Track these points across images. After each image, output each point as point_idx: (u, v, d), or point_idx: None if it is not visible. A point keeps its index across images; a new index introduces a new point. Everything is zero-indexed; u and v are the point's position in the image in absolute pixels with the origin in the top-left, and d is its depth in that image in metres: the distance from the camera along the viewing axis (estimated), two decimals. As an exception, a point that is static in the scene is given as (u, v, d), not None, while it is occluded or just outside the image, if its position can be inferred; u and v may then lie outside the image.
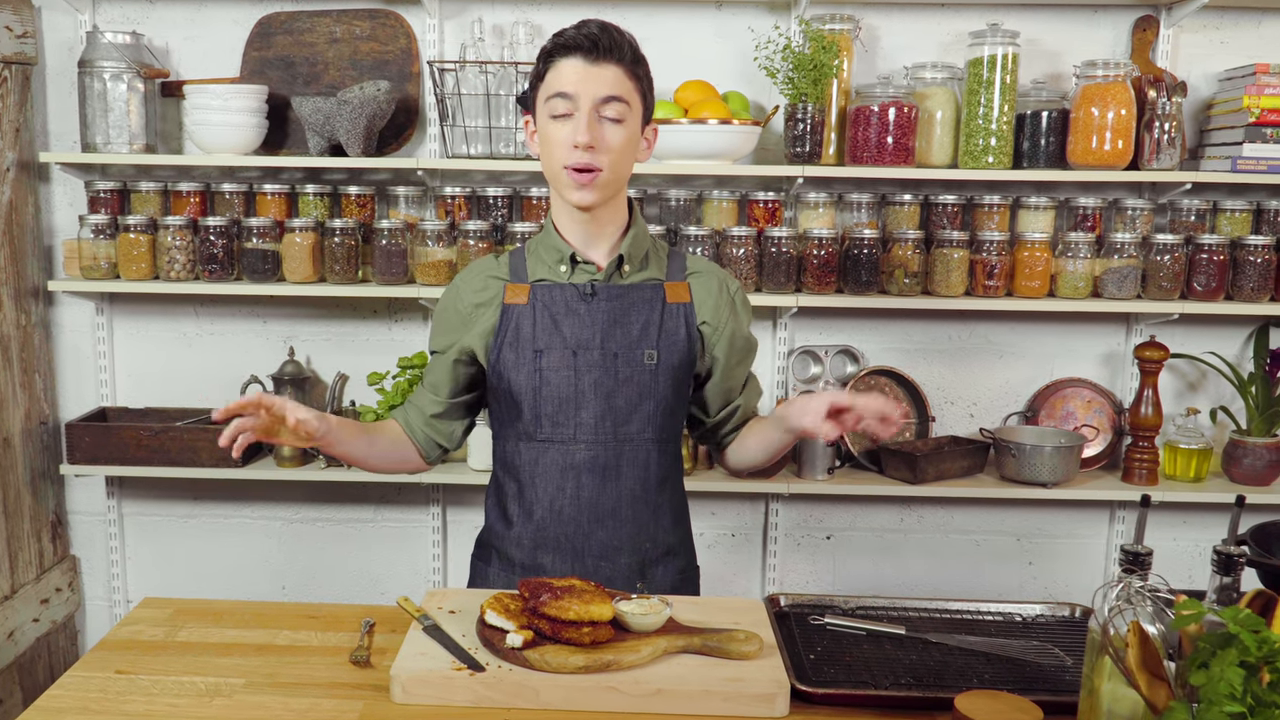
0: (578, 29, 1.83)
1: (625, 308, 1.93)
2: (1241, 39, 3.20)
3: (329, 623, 1.83)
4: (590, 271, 1.94)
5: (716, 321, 1.99)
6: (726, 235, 3.00)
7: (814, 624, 1.81)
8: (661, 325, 1.94)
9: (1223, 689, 0.95)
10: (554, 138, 1.84)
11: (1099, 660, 1.25)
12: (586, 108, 1.81)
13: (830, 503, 3.37)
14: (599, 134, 1.81)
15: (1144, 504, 1.31)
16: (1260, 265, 3.03)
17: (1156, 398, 3.12)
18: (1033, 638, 1.80)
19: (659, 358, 1.93)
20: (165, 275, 3.00)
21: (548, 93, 1.84)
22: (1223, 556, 1.25)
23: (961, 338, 3.31)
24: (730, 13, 3.16)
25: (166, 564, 3.40)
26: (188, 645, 1.73)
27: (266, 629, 1.80)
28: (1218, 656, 0.97)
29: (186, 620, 1.83)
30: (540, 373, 1.91)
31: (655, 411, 1.94)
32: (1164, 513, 3.35)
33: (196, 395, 3.29)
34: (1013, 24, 3.02)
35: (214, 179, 3.18)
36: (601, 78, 1.81)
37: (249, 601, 1.93)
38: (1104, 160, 2.97)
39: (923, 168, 3.04)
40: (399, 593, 3.37)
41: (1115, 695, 1.24)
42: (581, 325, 1.92)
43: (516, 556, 1.98)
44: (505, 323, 1.93)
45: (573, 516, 1.95)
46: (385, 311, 3.27)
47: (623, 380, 1.92)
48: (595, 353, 1.91)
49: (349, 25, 3.13)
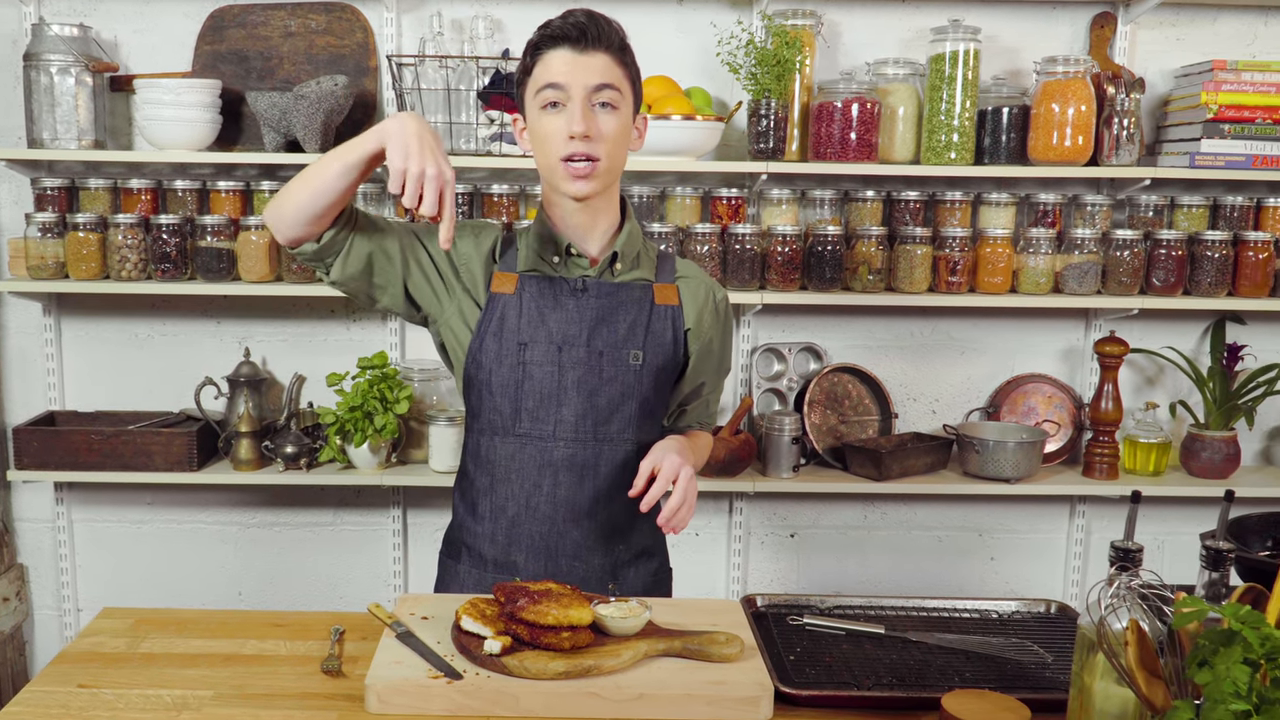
0: (564, 19, 1.78)
1: (614, 306, 1.89)
2: (1197, 36, 3.23)
3: (297, 631, 1.78)
4: (583, 265, 1.89)
5: (699, 329, 1.96)
6: (690, 232, 2.98)
7: (792, 624, 1.79)
8: (649, 326, 1.91)
9: (1227, 687, 0.94)
10: (547, 130, 1.79)
11: (1090, 658, 1.24)
12: (579, 97, 1.76)
13: (795, 501, 3.36)
14: (594, 123, 1.77)
15: (1134, 500, 1.30)
16: (1217, 260, 3.05)
17: (1117, 392, 3.14)
18: (1010, 634, 1.79)
19: (644, 358, 1.90)
20: (116, 275, 2.92)
21: (537, 85, 1.80)
22: (1212, 552, 1.24)
23: (924, 334, 3.32)
24: (692, 8, 3.13)
25: (118, 572, 3.31)
26: (151, 656, 1.67)
27: (232, 638, 1.75)
28: (1221, 654, 0.96)
29: (148, 630, 1.77)
30: (524, 366, 1.87)
31: (636, 413, 1.91)
32: (1123, 507, 3.38)
33: (148, 398, 3.21)
34: (972, 20, 3.03)
35: (166, 176, 3.10)
36: (591, 66, 1.77)
37: (213, 610, 1.87)
38: (1065, 156, 2.99)
39: (886, 164, 3.03)
40: (359, 598, 3.32)
41: (1107, 693, 1.23)
42: (569, 320, 1.88)
43: (488, 553, 1.94)
44: (490, 312, 1.88)
45: (548, 515, 1.91)
46: (343, 311, 3.21)
47: (606, 379, 1.88)
48: (581, 349, 1.87)
49: (304, 19, 3.06)
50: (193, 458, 2.95)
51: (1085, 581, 3.42)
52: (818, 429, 3.18)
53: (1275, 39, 3.24)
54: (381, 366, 2.94)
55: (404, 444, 3.08)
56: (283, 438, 3.01)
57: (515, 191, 3.06)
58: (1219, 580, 1.24)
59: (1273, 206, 3.16)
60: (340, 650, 1.69)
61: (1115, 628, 1.15)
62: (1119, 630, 1.12)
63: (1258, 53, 3.23)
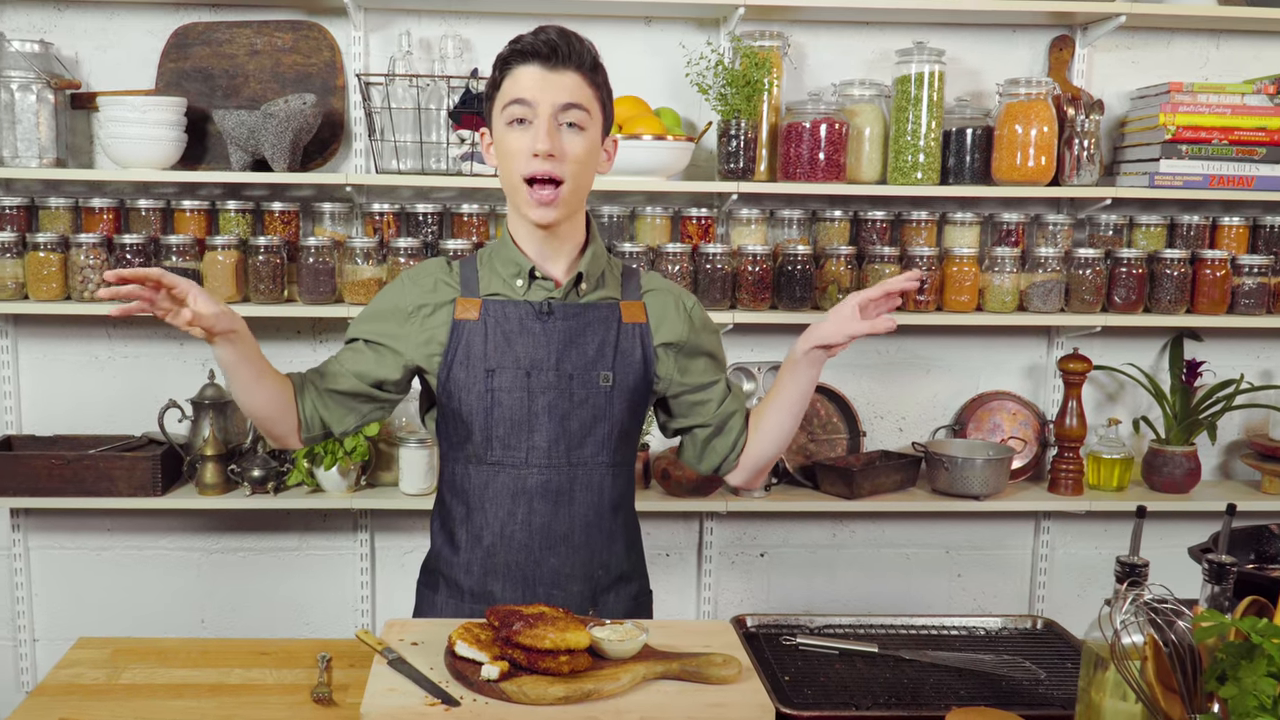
0: (535, 35, 1.77)
1: (581, 327, 1.87)
2: (1152, 58, 3.30)
3: (282, 659, 1.75)
4: (548, 288, 1.87)
5: (677, 340, 1.93)
6: (661, 252, 2.98)
7: (785, 645, 1.79)
8: (617, 346, 1.88)
9: (1251, 701, 0.95)
10: (512, 146, 1.77)
11: (1099, 674, 1.25)
12: (546, 114, 1.74)
13: (764, 520, 3.36)
14: (559, 142, 1.75)
15: (1140, 515, 1.32)
16: (1176, 278, 3.11)
17: (1080, 409, 3.18)
18: (1000, 651, 1.80)
19: (614, 379, 1.87)
20: (78, 295, 2.86)
21: (505, 100, 1.78)
22: (1215, 565, 1.26)
23: (890, 352, 3.34)
24: (660, 29, 3.15)
25: (76, 600, 3.23)
26: (134, 688, 1.64)
27: (216, 668, 1.71)
28: (1244, 667, 0.97)
29: (128, 660, 1.73)
30: (492, 393, 1.84)
31: (609, 435, 1.89)
32: (1087, 522, 3.43)
33: (109, 422, 3.14)
34: (935, 42, 3.06)
35: (128, 195, 3.04)
36: (561, 84, 1.75)
37: (193, 639, 1.84)
38: (1028, 176, 3.03)
39: (854, 184, 3.06)
40: (325, 624, 3.27)
41: (1116, 710, 1.24)
42: (536, 344, 1.85)
43: (465, 583, 1.91)
44: (455, 339, 1.85)
45: (524, 543, 1.88)
46: (309, 332, 3.17)
47: (577, 403, 1.86)
48: (550, 374, 1.85)
49: (270, 37, 3.03)
50: (157, 482, 2.89)
51: (1050, 596, 3.45)
52: (788, 448, 3.18)
53: (1226, 62, 3.32)
54: (351, 388, 2.90)
55: (373, 466, 3.05)
56: (249, 461, 2.96)
57: (485, 211, 3.04)
58: (1221, 593, 1.26)
59: (1227, 225, 3.23)
60: (329, 678, 1.66)
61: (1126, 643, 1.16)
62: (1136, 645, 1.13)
63: (1209, 75, 3.31)
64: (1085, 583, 3.48)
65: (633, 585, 2.00)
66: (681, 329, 1.94)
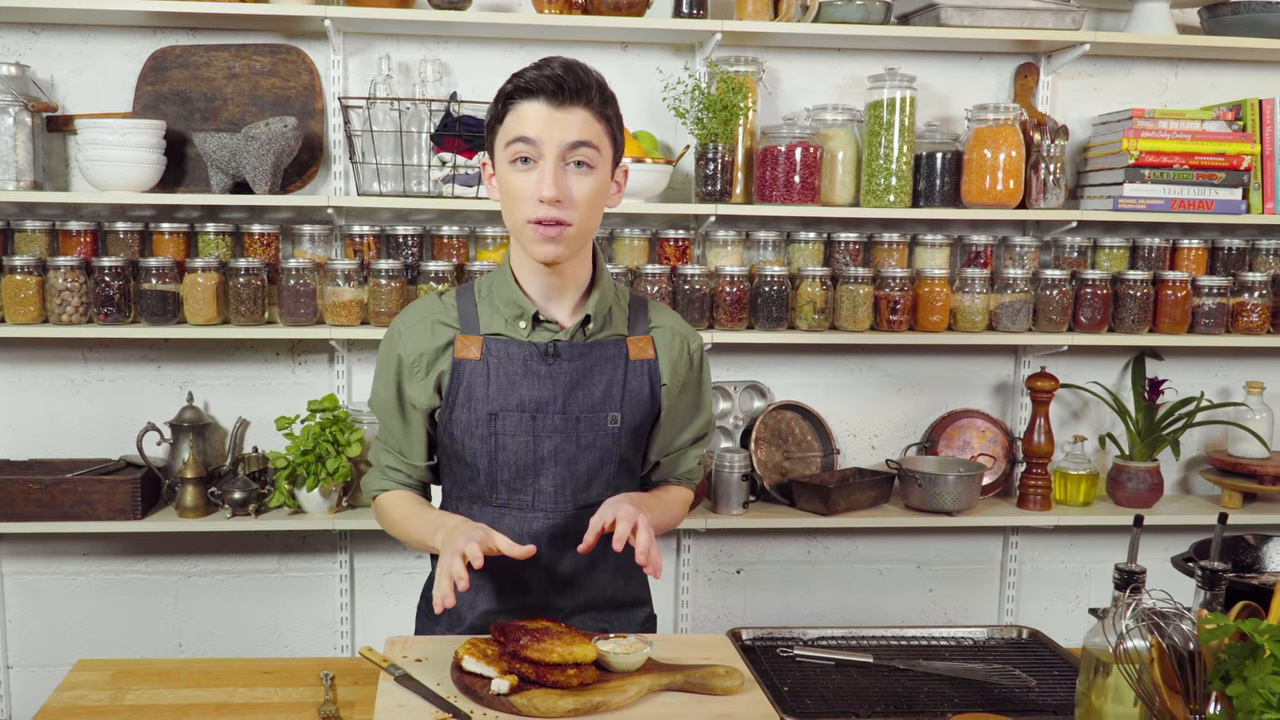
0: (539, 69, 1.68)
1: (588, 368, 1.81)
2: (1114, 85, 3.39)
3: (285, 678, 1.76)
4: (553, 330, 1.81)
5: (674, 381, 1.90)
6: (640, 273, 3.02)
7: (782, 656, 1.82)
8: (625, 384, 1.83)
9: (1256, 700, 1.00)
10: (516, 188, 1.69)
11: (1099, 679, 1.29)
12: (552, 155, 1.67)
13: (740, 537, 3.40)
14: (565, 185, 1.67)
15: (1137, 524, 1.37)
16: (1140, 299, 3.20)
17: (1048, 426, 3.25)
18: (989, 660, 1.85)
19: (623, 420, 1.83)
20: (56, 319, 2.85)
21: (507, 137, 1.70)
22: (1208, 572, 1.31)
23: (863, 371, 3.40)
24: (636, 54, 3.20)
25: (52, 626, 3.20)
26: (139, 709, 1.64)
27: (220, 687, 1.72)
28: (1249, 666, 1.02)
29: (130, 682, 1.73)
30: (496, 437, 1.79)
31: (615, 474, 1.85)
32: (1054, 536, 3.50)
33: (85, 445, 3.12)
34: (905, 69, 3.14)
35: (105, 218, 3.03)
36: (567, 123, 1.67)
37: (195, 659, 1.84)
38: (997, 199, 3.11)
39: (827, 206, 3.12)
40: (304, 646, 3.26)
41: (1116, 713, 1.28)
42: (541, 386, 1.79)
43: (468, 617, 1.89)
44: (456, 380, 1.80)
45: (531, 586, 1.86)
46: (288, 354, 3.17)
47: (584, 446, 1.81)
48: (556, 417, 1.79)
49: (248, 60, 3.04)
50: (137, 505, 2.87)
51: (1019, 609, 3.52)
52: (764, 465, 3.23)
53: (1184, 89, 3.42)
54: (333, 409, 2.91)
55: (354, 487, 3.05)
56: (229, 483, 2.96)
57: (466, 233, 3.07)
58: (1213, 599, 1.31)
59: (1187, 247, 3.33)
60: (335, 695, 1.67)
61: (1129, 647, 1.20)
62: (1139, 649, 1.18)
63: (1168, 101, 3.41)
64: (1053, 596, 3.55)
65: (637, 613, 1.98)
66: (684, 371, 1.92)
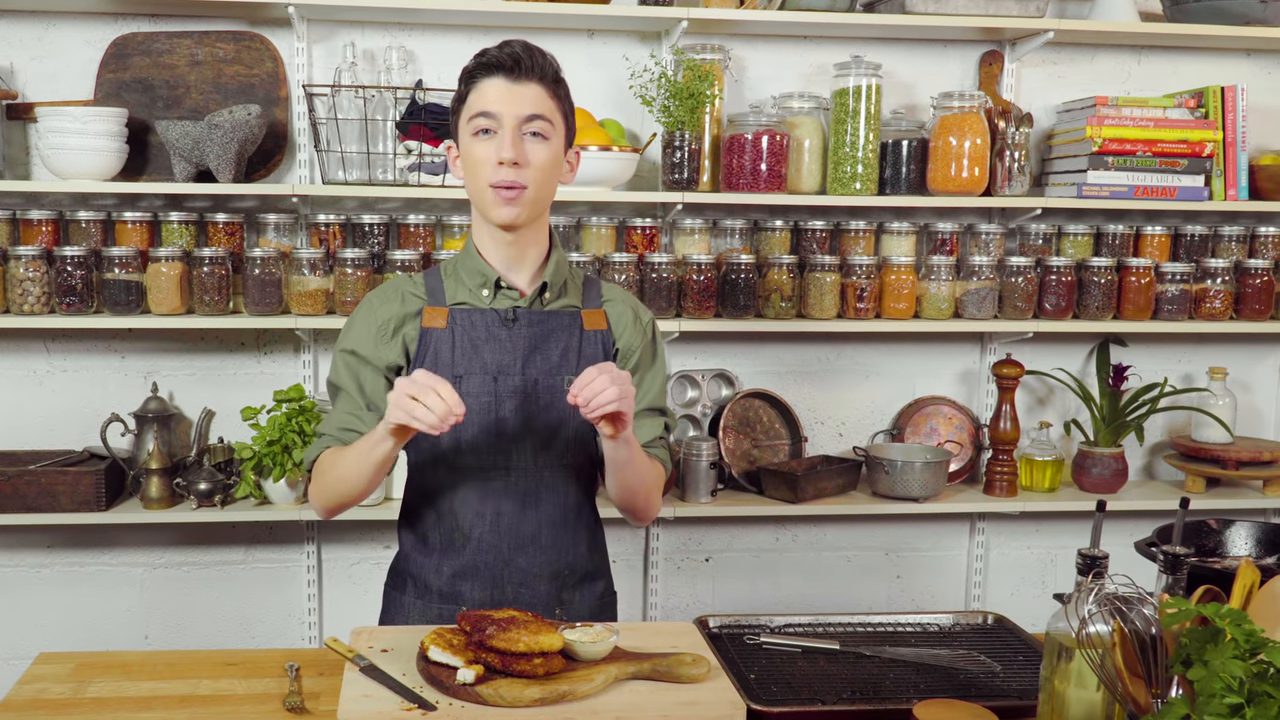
0: (500, 49, 1.83)
1: (545, 334, 1.92)
2: (1077, 73, 3.41)
3: (250, 669, 1.75)
4: (513, 297, 1.93)
5: (627, 351, 2.00)
6: (608, 261, 3.02)
7: (749, 644, 1.83)
8: (580, 351, 1.94)
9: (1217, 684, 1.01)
10: (478, 156, 1.83)
11: (1062, 664, 1.31)
12: (510, 125, 1.81)
13: (709, 525, 3.41)
14: (523, 151, 1.82)
15: (1100, 509, 1.38)
16: (1104, 285, 3.22)
17: (1014, 413, 3.28)
18: (955, 646, 1.86)
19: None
20: (17, 309, 2.82)
21: (470, 112, 1.84)
22: (1170, 556, 1.32)
23: (830, 359, 3.41)
24: (603, 41, 3.19)
25: (14, 619, 3.16)
26: (101, 701, 1.63)
27: (184, 679, 1.71)
28: (1210, 650, 1.03)
29: (92, 675, 1.72)
30: (461, 399, 1.87)
31: (573, 438, 1.93)
32: (1020, 523, 3.53)
33: (48, 436, 3.09)
34: (871, 57, 3.14)
35: (67, 207, 3.00)
36: (524, 96, 1.82)
37: (158, 651, 1.83)
38: (963, 187, 3.12)
39: (795, 194, 3.12)
40: (272, 637, 3.24)
41: (1079, 698, 1.30)
42: (502, 350, 1.90)
43: (434, 584, 1.94)
44: (423, 347, 1.90)
45: (493, 544, 1.92)
46: (254, 344, 3.15)
47: (543, 406, 1.91)
48: (516, 379, 1.90)
49: (211, 47, 3.01)
50: (101, 497, 2.85)
51: (986, 595, 3.55)
52: (732, 454, 3.24)
53: (1146, 77, 3.45)
54: (299, 399, 2.89)
55: (320, 478, 3.03)
56: (195, 474, 2.94)
57: (432, 222, 3.05)
58: (1175, 584, 1.33)
59: (1150, 234, 3.36)
60: (300, 686, 1.67)
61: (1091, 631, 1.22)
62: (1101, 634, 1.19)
63: (1131, 89, 3.44)
64: (1019, 581, 3.58)
65: (598, 585, 2.04)
66: (637, 341, 2.01)
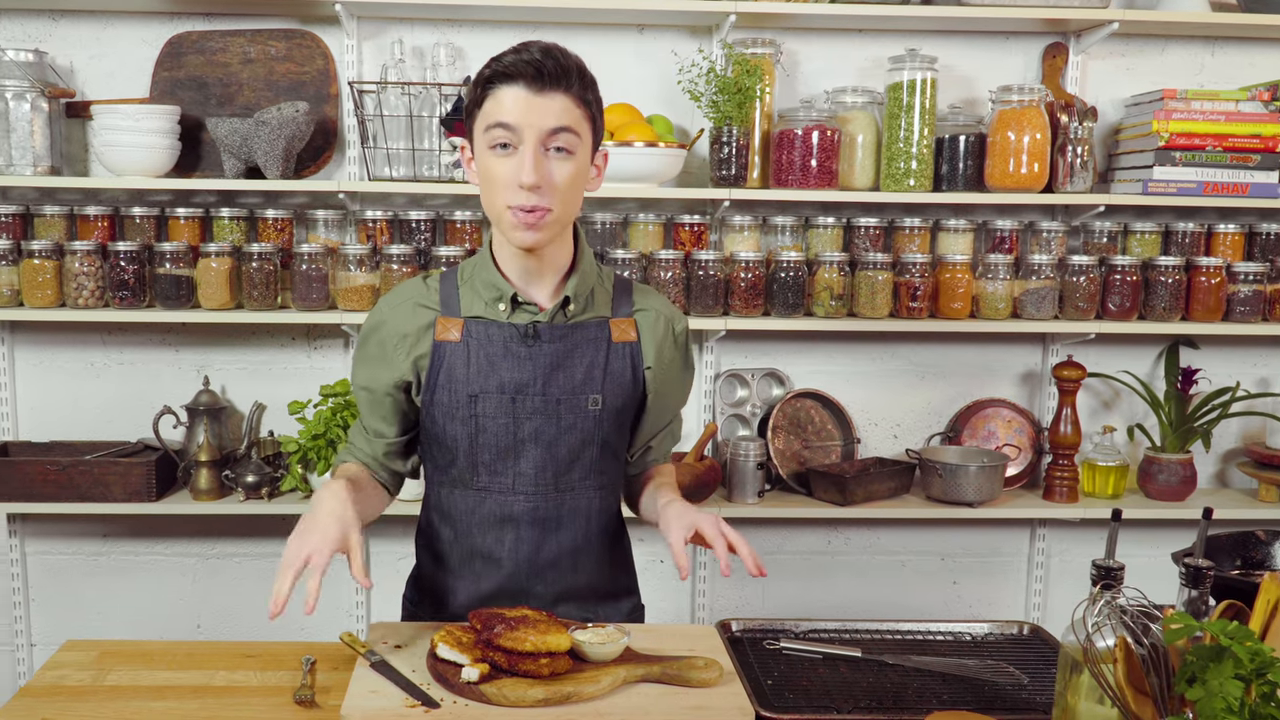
0: (518, 54, 1.64)
1: (569, 349, 1.79)
2: (1146, 66, 3.30)
3: (267, 661, 1.76)
4: (532, 312, 1.79)
5: (659, 363, 1.87)
6: (654, 259, 2.99)
7: (769, 649, 1.79)
8: (607, 367, 1.81)
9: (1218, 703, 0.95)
10: (495, 174, 1.67)
11: (1074, 678, 1.25)
12: (532, 141, 1.64)
13: (759, 526, 3.36)
14: (545, 172, 1.65)
15: (1115, 519, 1.32)
16: (1171, 285, 3.11)
17: (1075, 416, 3.18)
18: (985, 656, 1.80)
19: (604, 402, 1.80)
20: (73, 303, 2.88)
21: (486, 122, 1.67)
22: (1192, 569, 1.26)
23: (884, 359, 3.34)
24: (652, 36, 3.16)
25: (73, 605, 3.24)
26: (118, 689, 1.64)
27: (201, 670, 1.72)
28: (1212, 670, 0.97)
29: (114, 663, 1.73)
30: (476, 419, 1.78)
31: (598, 458, 1.83)
32: (1084, 530, 3.42)
33: (105, 428, 3.15)
34: (927, 50, 3.06)
35: (123, 203, 3.05)
36: (547, 109, 1.64)
37: (179, 641, 1.84)
38: (1021, 183, 3.03)
39: (846, 190, 3.06)
40: (322, 628, 3.26)
41: (1092, 713, 1.23)
42: (521, 368, 1.77)
43: (450, 604, 1.89)
44: (436, 362, 1.79)
45: (511, 571, 1.84)
46: (303, 338, 3.18)
47: (565, 428, 1.79)
48: (536, 398, 1.77)
49: (264, 45, 3.05)
50: (151, 488, 2.90)
51: (1047, 604, 3.45)
52: (781, 454, 3.19)
53: (1221, 69, 3.32)
54: (344, 394, 2.91)
55: (366, 472, 3.05)
56: (243, 467, 2.97)
57: (478, 218, 3.05)
58: (1199, 598, 1.26)
59: (1223, 232, 3.23)
60: (313, 680, 1.66)
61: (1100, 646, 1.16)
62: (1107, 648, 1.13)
63: (1205, 82, 3.31)
64: (1083, 590, 3.47)
65: (624, 603, 1.97)
66: (669, 353, 1.89)
